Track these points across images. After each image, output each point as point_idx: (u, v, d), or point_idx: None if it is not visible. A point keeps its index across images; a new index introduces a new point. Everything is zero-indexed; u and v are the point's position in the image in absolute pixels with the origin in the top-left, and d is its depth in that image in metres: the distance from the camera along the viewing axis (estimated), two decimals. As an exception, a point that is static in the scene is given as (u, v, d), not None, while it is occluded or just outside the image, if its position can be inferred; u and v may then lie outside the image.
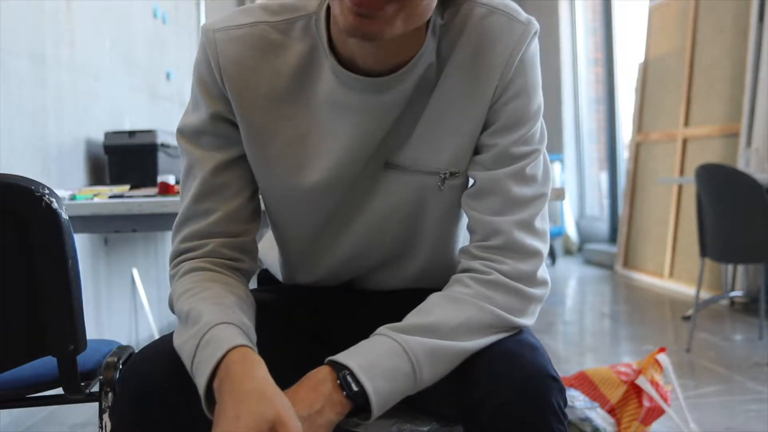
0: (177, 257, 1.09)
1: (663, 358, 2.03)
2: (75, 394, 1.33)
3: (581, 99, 7.42)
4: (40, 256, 1.23)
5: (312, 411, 0.92)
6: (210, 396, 0.92)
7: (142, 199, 2.17)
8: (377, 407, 0.93)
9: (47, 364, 1.31)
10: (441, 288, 1.05)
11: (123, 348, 1.43)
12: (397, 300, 1.13)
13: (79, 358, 1.29)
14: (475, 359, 0.98)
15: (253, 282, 1.23)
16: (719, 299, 4.25)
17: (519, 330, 1.02)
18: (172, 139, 3.32)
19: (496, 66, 1.02)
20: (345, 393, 0.93)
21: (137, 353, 1.04)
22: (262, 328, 1.04)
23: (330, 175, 1.06)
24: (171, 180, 2.37)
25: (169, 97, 4.35)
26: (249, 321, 1.00)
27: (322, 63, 1.04)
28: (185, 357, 0.95)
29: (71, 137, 3.10)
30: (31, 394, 1.38)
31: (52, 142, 2.91)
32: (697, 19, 5.02)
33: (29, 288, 1.24)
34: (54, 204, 1.21)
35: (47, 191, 1.22)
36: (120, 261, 3.55)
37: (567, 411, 0.97)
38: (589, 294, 5.42)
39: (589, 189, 7.47)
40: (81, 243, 3.03)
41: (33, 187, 1.21)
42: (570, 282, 5.85)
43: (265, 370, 0.92)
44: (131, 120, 3.74)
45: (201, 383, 0.92)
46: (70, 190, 2.54)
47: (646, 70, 5.74)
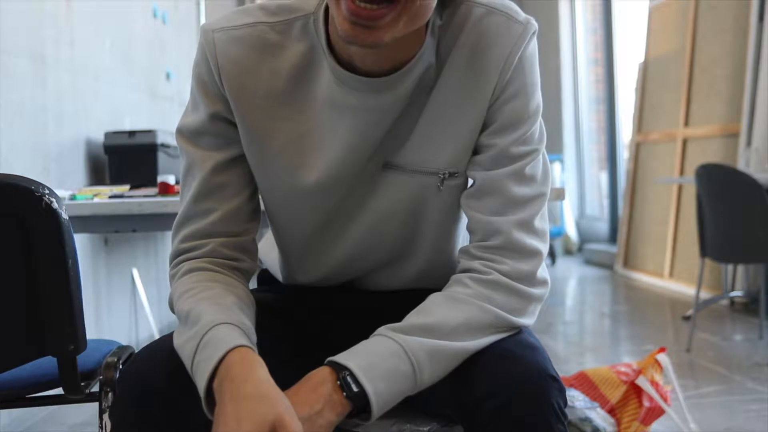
0: (177, 257, 1.09)
1: (663, 358, 2.03)
2: (75, 394, 1.32)
3: (581, 99, 7.42)
4: (40, 256, 1.23)
5: (312, 412, 0.92)
6: (210, 396, 0.92)
7: (142, 199, 2.17)
8: (377, 408, 0.93)
9: (47, 364, 1.31)
10: (441, 288, 1.05)
11: (123, 348, 1.43)
12: (397, 300, 1.13)
13: (79, 358, 1.29)
14: (475, 359, 0.98)
15: (253, 282, 1.23)
16: (719, 299, 4.25)
17: (519, 330, 1.02)
18: (172, 139, 3.32)
19: (494, 66, 1.02)
20: (345, 394, 0.93)
21: (137, 353, 1.04)
22: (262, 328, 1.04)
23: (329, 175, 1.06)
24: (171, 180, 2.37)
25: (169, 97, 4.35)
26: (249, 321, 1.00)
27: (321, 63, 1.04)
28: (185, 357, 0.95)
29: (71, 137, 3.10)
30: (31, 394, 1.38)
31: (52, 142, 2.91)
32: (697, 19, 5.02)
33: (29, 288, 1.24)
34: (54, 204, 1.21)
35: (47, 191, 1.22)
36: (120, 261, 3.55)
37: (567, 411, 0.97)
38: (589, 294, 5.42)
39: (589, 189, 7.47)
40: (81, 243, 3.03)
41: (33, 187, 1.21)
42: (570, 282, 5.85)
43: (266, 370, 0.92)
44: (131, 120, 3.74)
45: (201, 384, 0.92)
46: (70, 190, 2.54)
47: (646, 70, 5.73)
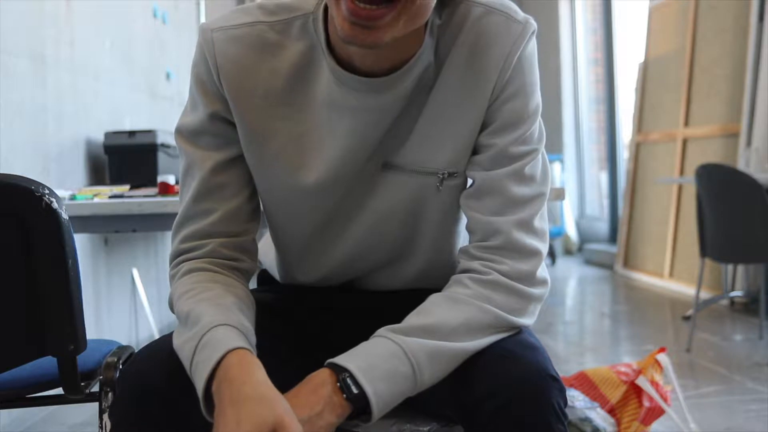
0: (177, 257, 1.09)
1: (663, 358, 2.03)
2: (75, 394, 1.32)
3: (581, 99, 7.41)
4: (40, 256, 1.23)
5: (312, 413, 0.92)
6: (208, 398, 0.92)
7: (142, 199, 2.17)
8: (378, 409, 0.93)
9: (47, 364, 1.31)
10: (441, 288, 1.05)
11: (123, 348, 1.43)
12: (397, 300, 1.12)
13: (79, 358, 1.29)
14: (475, 359, 0.98)
15: (253, 282, 1.23)
16: (719, 299, 4.25)
17: (519, 330, 1.02)
18: (172, 139, 3.31)
19: (493, 66, 1.02)
20: (345, 396, 0.93)
21: (137, 353, 1.04)
22: (261, 328, 1.04)
23: (328, 176, 1.06)
24: (171, 180, 2.37)
25: (169, 97, 4.35)
26: (248, 322, 1.00)
27: (320, 63, 1.04)
28: (184, 358, 0.95)
29: (71, 137, 3.10)
30: (31, 394, 1.38)
31: (52, 142, 2.91)
32: (697, 19, 5.02)
33: (29, 288, 1.24)
34: (54, 204, 1.21)
35: (47, 191, 1.22)
36: (120, 261, 3.55)
37: (567, 411, 0.97)
38: (589, 294, 5.42)
39: (589, 189, 7.47)
40: (81, 243, 3.03)
41: (33, 187, 1.21)
42: (570, 282, 5.85)
43: (264, 372, 0.92)
44: (131, 120, 3.74)
45: (199, 385, 0.92)
46: (70, 190, 2.54)
47: (646, 70, 5.73)
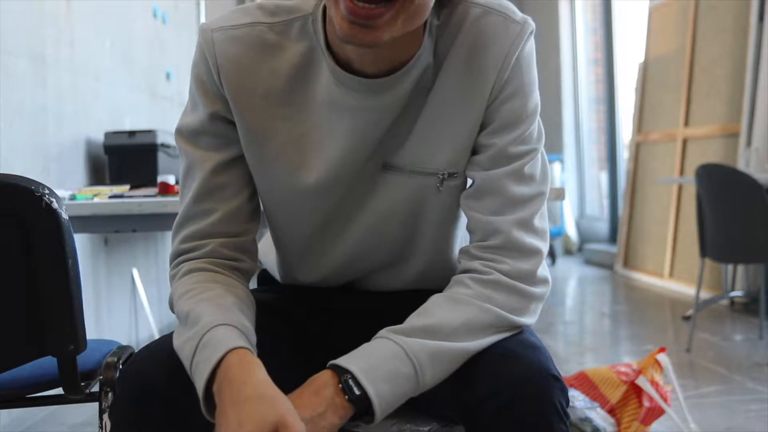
0: (177, 257, 1.09)
1: (663, 358, 2.03)
2: (75, 394, 1.32)
3: (581, 99, 7.41)
4: (40, 256, 1.23)
5: (314, 414, 0.92)
6: (209, 398, 0.92)
7: (142, 199, 2.17)
8: (380, 411, 0.93)
9: (47, 364, 1.31)
10: (441, 288, 1.05)
11: (123, 348, 1.43)
12: (398, 301, 1.13)
13: (79, 358, 1.29)
14: (477, 359, 0.98)
15: (253, 282, 1.23)
16: (719, 299, 4.25)
17: (520, 329, 1.02)
18: (172, 139, 3.31)
19: (492, 66, 1.02)
20: (347, 397, 0.93)
21: (137, 353, 1.04)
22: (262, 328, 1.04)
23: (327, 176, 1.06)
24: (171, 180, 2.37)
25: (169, 97, 4.35)
26: (248, 322, 1.00)
27: (319, 64, 1.04)
28: (184, 358, 0.95)
29: (71, 137, 3.10)
30: (31, 394, 1.38)
31: (52, 142, 2.91)
32: (697, 19, 5.02)
33: (29, 288, 1.24)
34: (54, 204, 1.21)
35: (47, 191, 1.22)
36: (120, 261, 3.55)
37: (568, 411, 0.97)
38: (589, 294, 5.42)
39: (589, 189, 7.47)
40: (81, 243, 3.03)
41: (33, 187, 1.21)
42: (570, 282, 5.85)
43: (264, 372, 0.92)
44: (131, 120, 3.74)
45: (199, 385, 0.92)
46: (70, 190, 2.54)
47: (646, 70, 5.73)
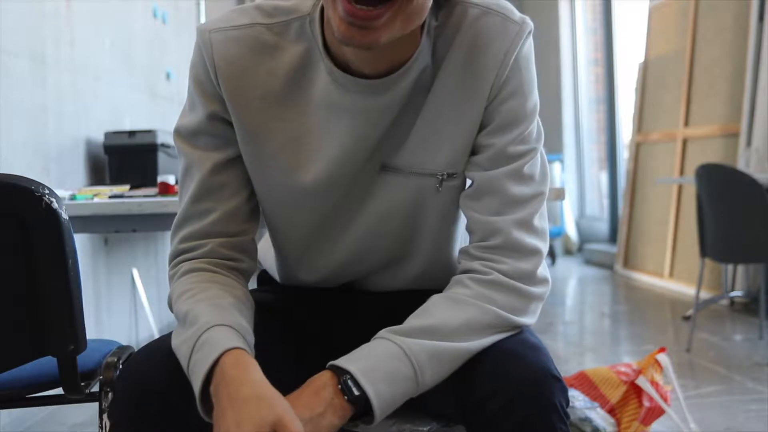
0: (176, 257, 1.09)
1: (663, 358, 2.03)
2: (75, 394, 1.32)
3: (581, 99, 7.41)
4: (40, 256, 1.23)
5: (314, 414, 0.92)
6: (206, 398, 0.92)
7: (142, 199, 2.18)
8: (379, 411, 0.93)
9: (47, 364, 1.31)
10: (441, 289, 1.05)
11: (123, 348, 1.43)
12: (397, 301, 1.13)
13: (79, 358, 1.29)
14: (477, 359, 0.98)
15: (253, 282, 1.23)
16: (719, 299, 4.25)
17: (520, 329, 1.02)
18: (171, 139, 3.32)
19: (491, 66, 1.02)
20: (346, 398, 0.93)
21: (136, 353, 1.04)
22: (261, 328, 1.04)
23: (325, 177, 1.06)
24: (171, 180, 2.37)
25: (169, 97, 4.35)
26: (246, 322, 1.00)
27: (317, 65, 1.04)
28: (182, 358, 0.96)
29: (71, 137, 3.10)
30: (31, 394, 1.38)
31: (52, 142, 2.91)
32: (697, 19, 5.02)
33: (29, 288, 1.24)
34: (54, 204, 1.21)
35: (47, 191, 1.22)
36: (120, 261, 3.55)
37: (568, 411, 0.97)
38: (589, 294, 5.42)
39: (589, 189, 7.47)
40: (81, 243, 3.03)
41: (33, 187, 1.21)
42: (570, 282, 5.85)
43: (260, 372, 0.92)
44: (131, 120, 3.74)
45: (196, 385, 0.92)
46: (70, 190, 2.54)
47: (646, 70, 5.73)
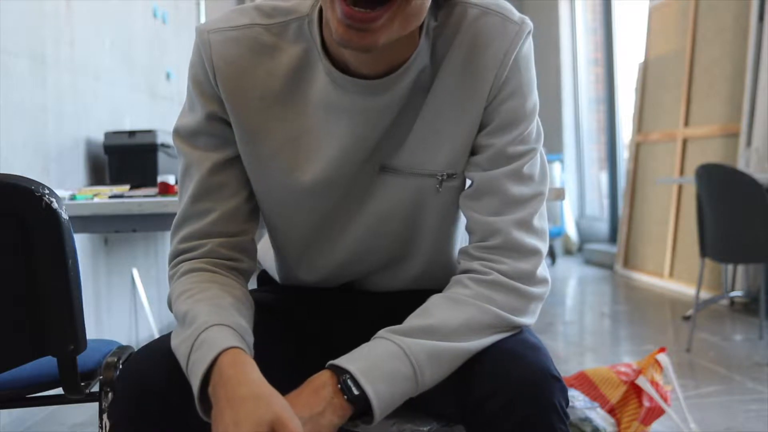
0: (176, 257, 1.09)
1: (663, 358, 2.03)
2: (75, 394, 1.33)
3: (581, 99, 7.41)
4: (40, 256, 1.23)
5: (313, 413, 0.92)
6: (204, 397, 0.92)
7: (142, 199, 2.18)
8: (379, 410, 0.93)
9: (47, 364, 1.31)
10: (441, 289, 1.05)
11: (123, 348, 1.43)
12: (397, 301, 1.13)
13: (79, 358, 1.29)
14: (477, 359, 0.98)
15: (253, 282, 1.23)
16: (719, 299, 4.25)
17: (520, 329, 1.02)
18: (171, 139, 3.32)
19: (490, 67, 1.02)
20: (346, 397, 0.93)
21: (136, 353, 1.04)
22: (261, 328, 1.04)
23: (324, 177, 1.06)
24: (171, 180, 2.37)
25: (169, 97, 4.35)
26: (246, 322, 1.00)
27: (316, 65, 1.04)
28: (181, 358, 0.96)
29: (71, 137, 3.10)
30: (31, 394, 1.38)
31: (52, 142, 2.91)
32: (697, 19, 5.02)
33: (29, 288, 1.24)
34: (54, 204, 1.21)
35: (47, 191, 1.22)
36: (120, 261, 3.55)
37: (568, 411, 0.97)
38: (589, 294, 5.42)
39: (589, 189, 7.47)
40: (81, 243, 3.03)
41: (33, 187, 1.21)
42: (570, 282, 5.85)
43: (258, 371, 0.92)
44: (131, 120, 3.74)
45: (195, 385, 0.92)
46: (70, 190, 2.55)
47: (646, 70, 5.73)
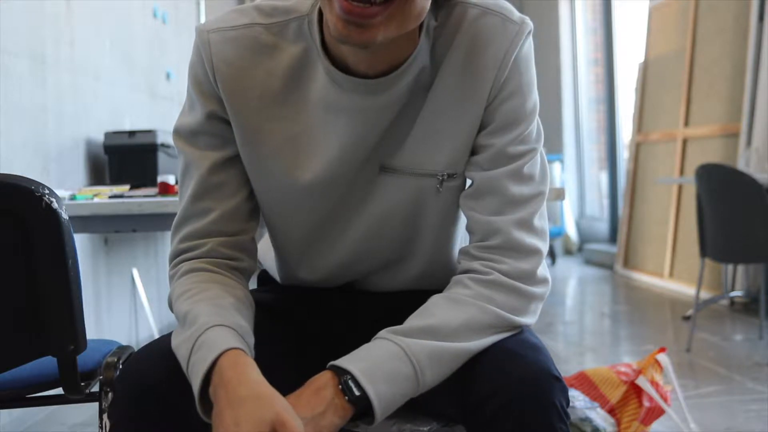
0: (176, 257, 1.09)
1: (663, 358, 2.03)
2: (75, 394, 1.33)
3: (581, 99, 7.41)
4: (40, 256, 1.23)
5: (314, 414, 0.92)
6: (205, 398, 0.92)
7: (142, 199, 2.18)
8: (380, 411, 0.93)
9: (47, 364, 1.31)
10: (441, 289, 1.05)
11: (123, 348, 1.43)
12: (398, 301, 1.13)
13: (79, 358, 1.29)
14: (477, 359, 0.98)
15: (253, 282, 1.23)
16: (719, 299, 4.25)
17: (520, 329, 1.02)
18: (171, 139, 3.32)
19: (490, 67, 1.02)
20: (347, 398, 0.93)
21: (136, 353, 1.04)
22: (262, 328, 1.04)
23: (324, 176, 1.06)
24: (171, 180, 2.37)
25: (169, 97, 4.35)
26: (246, 323, 1.00)
27: (315, 64, 1.04)
28: (181, 359, 0.96)
29: (71, 137, 3.10)
30: (31, 394, 1.38)
31: (52, 142, 2.91)
32: (697, 19, 5.02)
33: (29, 288, 1.24)
34: (54, 204, 1.21)
35: (47, 191, 1.22)
36: (120, 261, 3.55)
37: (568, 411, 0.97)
38: (589, 294, 5.42)
39: (589, 189, 7.47)
40: (81, 243, 3.03)
41: (33, 187, 1.21)
42: (570, 282, 5.85)
43: (258, 372, 0.92)
44: (131, 120, 3.74)
45: (195, 386, 0.92)
46: (70, 190, 2.55)
47: (646, 70, 5.73)
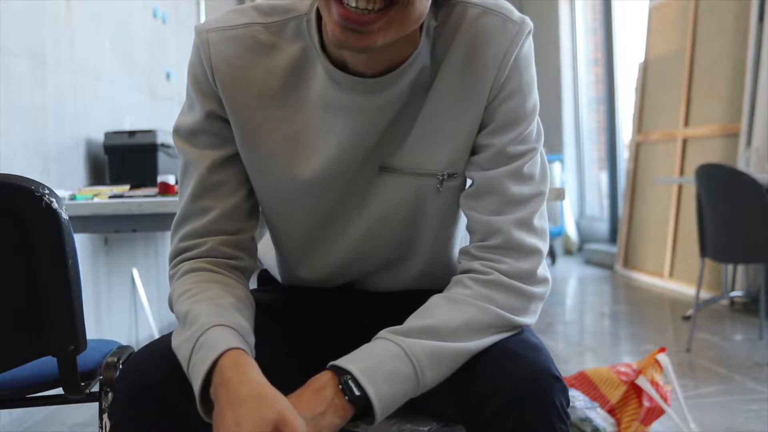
0: (176, 257, 1.09)
1: (663, 358, 2.03)
2: (75, 394, 1.33)
3: (581, 99, 7.41)
4: (40, 256, 1.23)
5: (315, 414, 0.92)
6: (206, 398, 0.92)
7: (142, 199, 2.18)
8: (380, 411, 0.93)
9: (47, 364, 1.31)
10: (441, 289, 1.05)
11: (123, 348, 1.43)
12: (398, 301, 1.13)
13: (79, 358, 1.29)
14: (477, 359, 0.98)
15: (253, 282, 1.23)
16: (719, 299, 4.25)
17: (521, 329, 1.02)
18: (171, 139, 3.32)
19: (490, 66, 1.02)
20: (347, 398, 0.93)
21: (136, 353, 1.04)
22: (262, 328, 1.04)
23: (323, 175, 1.06)
24: (171, 180, 2.37)
25: (169, 97, 4.35)
26: (246, 323, 1.00)
27: (314, 64, 1.04)
28: (182, 359, 0.96)
29: (71, 137, 3.10)
30: (31, 394, 1.38)
31: (52, 142, 2.91)
32: (697, 19, 5.02)
33: (29, 288, 1.24)
34: (54, 204, 1.21)
35: (47, 191, 1.22)
36: (120, 261, 3.55)
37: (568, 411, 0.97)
38: (589, 294, 5.42)
39: (589, 189, 7.47)
40: (81, 243, 3.03)
41: (33, 187, 1.21)
42: (570, 282, 5.84)
43: (259, 372, 0.92)
44: (131, 120, 3.74)
45: (196, 386, 0.92)
46: (70, 190, 2.55)
47: (646, 70, 5.73)
